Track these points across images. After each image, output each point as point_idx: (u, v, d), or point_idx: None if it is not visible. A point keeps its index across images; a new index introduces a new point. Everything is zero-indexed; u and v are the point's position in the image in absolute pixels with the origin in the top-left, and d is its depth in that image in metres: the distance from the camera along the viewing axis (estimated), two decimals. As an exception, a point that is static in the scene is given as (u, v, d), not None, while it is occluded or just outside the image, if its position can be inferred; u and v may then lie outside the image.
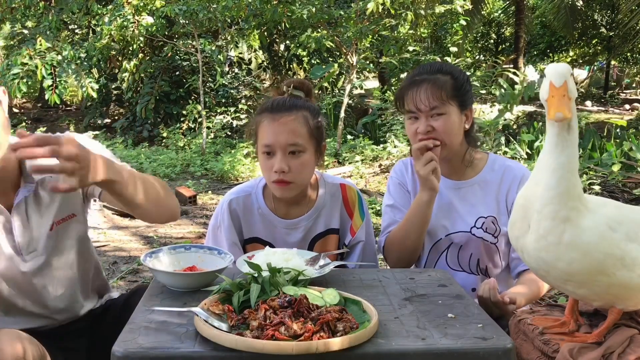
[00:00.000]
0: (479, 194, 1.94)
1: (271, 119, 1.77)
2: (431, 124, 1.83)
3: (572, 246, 1.25)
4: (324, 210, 1.92)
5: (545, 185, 1.28)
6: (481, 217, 1.91)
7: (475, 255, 1.94)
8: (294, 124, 1.76)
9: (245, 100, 10.73)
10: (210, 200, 6.15)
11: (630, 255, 1.26)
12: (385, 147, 8.19)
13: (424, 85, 1.84)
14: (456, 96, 1.85)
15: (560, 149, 1.27)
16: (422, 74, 1.88)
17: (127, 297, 1.78)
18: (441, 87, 1.83)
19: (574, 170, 1.28)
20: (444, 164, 1.93)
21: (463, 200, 1.94)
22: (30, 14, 9.94)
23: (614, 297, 1.32)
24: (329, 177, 1.99)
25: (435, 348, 1.19)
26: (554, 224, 1.26)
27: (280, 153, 1.75)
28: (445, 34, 13.20)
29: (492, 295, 1.67)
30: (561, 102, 1.23)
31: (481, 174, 1.95)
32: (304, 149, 1.77)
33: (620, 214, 1.31)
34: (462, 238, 1.93)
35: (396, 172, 2.05)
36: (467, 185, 1.96)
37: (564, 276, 1.30)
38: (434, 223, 1.93)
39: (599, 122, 11.28)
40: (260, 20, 8.70)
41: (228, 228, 1.88)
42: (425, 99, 1.82)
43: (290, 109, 1.78)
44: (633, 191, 4.51)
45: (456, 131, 1.86)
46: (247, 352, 1.12)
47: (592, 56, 20.44)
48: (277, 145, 1.75)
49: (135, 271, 3.87)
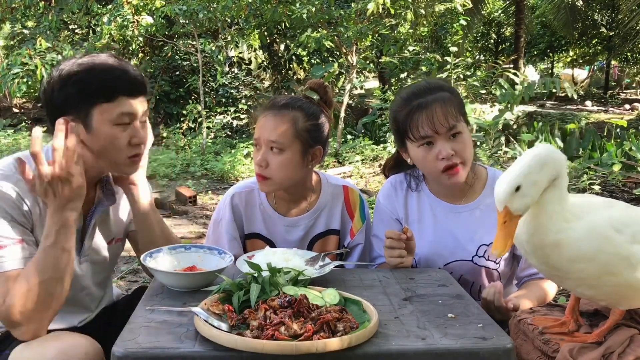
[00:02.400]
0: (479, 219, 1.82)
1: (263, 115, 1.81)
2: (452, 146, 1.70)
3: (576, 260, 1.27)
4: (325, 210, 1.92)
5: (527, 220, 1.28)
6: (483, 244, 1.81)
7: (477, 283, 1.85)
8: (279, 122, 1.77)
9: (245, 100, 10.73)
10: (210, 200, 6.15)
11: (636, 256, 1.26)
12: (385, 147, 8.20)
13: (435, 105, 1.70)
14: (461, 111, 1.75)
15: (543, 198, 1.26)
16: (424, 95, 1.74)
17: (130, 298, 1.80)
18: (450, 104, 1.72)
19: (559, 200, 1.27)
20: (443, 186, 1.84)
21: (463, 227, 1.83)
22: (30, 14, 9.95)
23: (620, 297, 1.32)
24: (331, 178, 1.98)
25: (435, 348, 1.19)
26: (549, 251, 1.28)
27: (264, 148, 1.79)
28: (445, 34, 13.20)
29: (497, 299, 1.61)
30: (499, 234, 1.23)
31: (481, 197, 1.84)
32: (284, 148, 1.77)
33: (627, 216, 1.32)
34: (462, 267, 1.83)
35: (384, 197, 1.92)
36: (468, 209, 1.84)
37: (578, 282, 1.32)
38: (432, 252, 1.84)
39: (599, 122, 11.28)
40: (260, 20, 8.71)
41: (229, 222, 1.90)
42: (444, 120, 1.69)
43: (282, 107, 1.80)
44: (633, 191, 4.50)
45: (471, 149, 1.76)
46: (247, 352, 1.12)
47: (592, 56, 20.47)
48: (262, 140, 1.79)
49: (135, 271, 3.86)
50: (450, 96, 1.75)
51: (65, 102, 1.47)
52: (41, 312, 1.36)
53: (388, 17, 7.98)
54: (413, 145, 1.75)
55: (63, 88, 1.47)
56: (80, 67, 1.48)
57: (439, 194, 1.87)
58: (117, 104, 1.48)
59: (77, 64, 1.49)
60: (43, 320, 1.38)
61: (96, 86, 1.47)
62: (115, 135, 1.50)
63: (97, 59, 1.51)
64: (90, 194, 1.64)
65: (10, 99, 13.96)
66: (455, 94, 1.81)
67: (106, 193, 1.67)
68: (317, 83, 1.89)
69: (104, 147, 1.51)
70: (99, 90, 1.47)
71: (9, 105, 14.21)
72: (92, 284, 1.69)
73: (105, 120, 1.48)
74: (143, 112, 1.55)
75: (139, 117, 1.54)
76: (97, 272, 1.69)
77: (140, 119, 1.55)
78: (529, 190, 1.22)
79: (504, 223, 1.23)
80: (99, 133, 1.49)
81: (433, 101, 1.71)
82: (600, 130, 8.51)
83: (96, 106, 1.47)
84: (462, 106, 1.78)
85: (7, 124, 11.74)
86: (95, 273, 1.69)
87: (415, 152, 1.76)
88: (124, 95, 1.49)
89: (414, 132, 1.72)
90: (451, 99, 1.75)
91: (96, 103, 1.47)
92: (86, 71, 1.48)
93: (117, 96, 1.48)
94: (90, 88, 1.46)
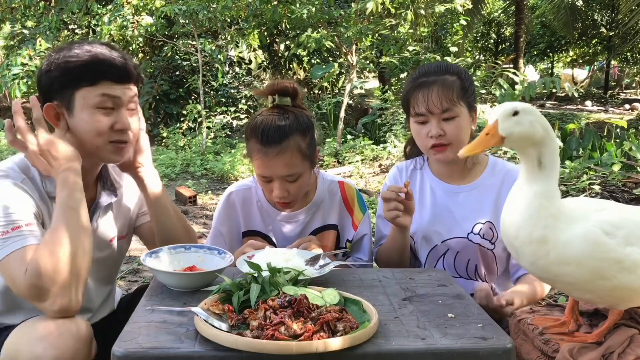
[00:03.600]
0: (477, 199, 1.90)
1: (264, 153, 1.73)
2: (443, 127, 1.79)
3: (563, 263, 1.27)
4: (322, 205, 1.94)
5: (515, 212, 1.30)
6: (479, 222, 1.88)
7: (473, 261, 1.91)
8: (287, 157, 1.72)
9: (245, 100, 10.74)
10: (210, 200, 6.15)
11: (630, 258, 1.26)
12: (385, 147, 8.20)
13: (434, 86, 1.78)
14: (464, 97, 1.81)
15: (531, 184, 1.29)
16: (430, 75, 1.82)
17: (131, 299, 1.80)
18: (451, 88, 1.79)
19: (549, 196, 1.28)
20: (444, 168, 1.92)
21: (460, 206, 1.91)
22: (30, 14, 9.95)
23: (617, 299, 1.32)
24: (326, 175, 2.00)
25: (435, 348, 1.19)
26: (535, 248, 1.28)
27: (278, 182, 1.76)
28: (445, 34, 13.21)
29: (489, 302, 1.65)
30: (477, 140, 1.29)
31: (480, 179, 1.92)
32: (300, 174, 1.77)
33: (621, 217, 1.31)
34: (458, 244, 1.89)
35: (390, 179, 2.03)
36: (466, 190, 1.92)
37: (569, 286, 1.32)
38: (429, 229, 1.91)
39: (599, 122, 11.27)
40: (260, 20, 8.70)
41: (218, 217, 1.93)
42: (438, 101, 1.77)
43: (280, 140, 1.71)
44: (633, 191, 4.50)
45: (465, 133, 1.82)
46: (247, 352, 1.12)
47: (592, 56, 20.47)
48: (274, 176, 1.76)
49: (135, 271, 3.87)
50: (453, 80, 1.81)
51: (50, 86, 1.48)
52: (66, 276, 1.32)
53: (388, 17, 7.98)
54: (412, 119, 1.86)
55: (48, 72, 1.48)
56: (68, 52, 1.49)
57: (439, 175, 1.95)
58: (99, 88, 1.47)
59: (66, 49, 1.50)
60: (69, 287, 1.33)
61: (79, 70, 1.46)
62: (97, 119, 1.49)
63: (88, 46, 1.51)
64: (91, 192, 1.64)
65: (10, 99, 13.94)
66: (465, 78, 1.85)
67: (106, 189, 1.67)
68: (286, 87, 1.79)
69: (85, 131, 1.50)
70: (81, 74, 1.46)
71: (9, 106, 14.20)
72: (94, 281, 1.69)
73: (87, 104, 1.47)
74: (129, 99, 1.53)
75: (124, 104, 1.52)
76: (99, 268, 1.69)
77: (128, 106, 1.53)
78: (523, 122, 1.27)
79: (486, 135, 1.28)
80: (81, 117, 1.48)
81: (434, 82, 1.80)
82: (600, 130, 8.51)
83: (79, 90, 1.47)
84: (466, 92, 1.82)
85: (7, 124, 11.73)
86: (98, 270, 1.69)
87: (413, 127, 1.87)
88: (108, 80, 1.48)
89: (413, 107, 1.84)
90: (453, 83, 1.80)
91: (79, 87, 1.47)
92: (73, 55, 1.48)
93: (99, 80, 1.47)
94: (74, 72, 1.46)
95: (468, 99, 1.83)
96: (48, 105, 1.48)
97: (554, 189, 1.30)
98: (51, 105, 1.49)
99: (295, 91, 1.80)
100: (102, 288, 1.74)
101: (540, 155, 1.29)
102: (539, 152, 1.29)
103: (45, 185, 1.53)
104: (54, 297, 1.32)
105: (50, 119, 1.50)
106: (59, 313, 1.33)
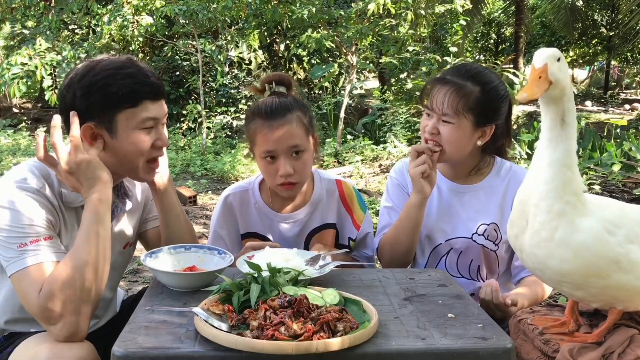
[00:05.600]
0: (482, 199, 1.89)
1: (269, 126, 1.76)
2: (439, 127, 1.79)
3: (564, 244, 1.26)
4: (320, 205, 1.94)
5: (541, 179, 1.29)
6: (483, 223, 1.88)
7: (475, 262, 1.91)
8: (292, 128, 1.76)
9: (245, 100, 10.73)
10: (210, 200, 6.15)
11: (627, 257, 1.26)
12: (385, 147, 8.20)
13: (447, 88, 1.78)
14: (475, 110, 1.77)
15: (555, 144, 1.28)
16: (454, 75, 1.81)
17: (134, 300, 1.80)
18: (463, 96, 1.76)
19: (570, 165, 1.28)
20: (449, 167, 1.92)
21: (466, 206, 1.91)
22: (30, 14, 9.94)
23: (612, 299, 1.32)
24: (323, 174, 2.01)
25: (435, 348, 1.19)
26: (549, 218, 1.26)
27: (284, 157, 1.77)
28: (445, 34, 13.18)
29: (495, 297, 1.66)
30: (532, 83, 1.24)
31: (487, 180, 1.91)
32: (304, 148, 1.79)
33: (622, 216, 1.31)
34: (462, 244, 1.89)
35: (396, 172, 2.02)
36: (471, 190, 1.91)
37: (557, 276, 1.30)
38: (433, 227, 1.91)
39: (599, 122, 11.27)
40: (260, 20, 8.70)
41: (217, 221, 1.93)
42: (440, 103, 1.77)
43: (284, 113, 1.77)
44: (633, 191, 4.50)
45: (461, 144, 1.80)
46: (247, 352, 1.12)
47: (592, 56, 20.45)
48: (280, 151, 1.76)
49: (136, 271, 3.87)
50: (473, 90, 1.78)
51: (89, 108, 1.48)
52: (77, 303, 1.32)
53: (388, 17, 7.98)
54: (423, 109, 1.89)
55: (86, 95, 1.47)
56: (102, 73, 1.48)
57: (445, 174, 1.95)
58: (141, 109, 1.50)
59: (97, 69, 1.49)
60: (80, 314, 1.33)
61: (122, 93, 1.47)
62: (141, 139, 1.52)
63: (117, 63, 1.51)
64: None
65: (10, 99, 13.95)
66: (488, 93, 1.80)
67: (121, 197, 1.68)
68: (280, 76, 1.87)
69: (128, 151, 1.52)
70: (124, 97, 1.48)
71: (9, 106, 14.21)
72: (106, 289, 1.68)
73: (131, 125, 1.49)
74: (165, 115, 1.58)
75: (161, 121, 1.57)
76: (112, 277, 1.69)
77: (162, 122, 1.58)
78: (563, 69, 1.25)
79: (539, 78, 1.24)
80: (125, 138, 1.50)
81: (451, 84, 1.78)
82: (600, 130, 8.51)
83: (121, 112, 1.48)
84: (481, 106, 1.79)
85: (7, 124, 11.75)
86: (111, 278, 1.69)
87: (422, 116, 1.90)
88: (148, 100, 1.51)
89: (424, 97, 1.86)
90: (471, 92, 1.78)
91: (121, 109, 1.48)
92: (110, 77, 1.48)
93: (141, 101, 1.50)
94: (116, 95, 1.47)
95: (479, 113, 1.78)
96: (86, 126, 1.47)
97: (574, 153, 1.29)
98: (89, 126, 1.48)
99: (289, 82, 1.88)
100: (109, 293, 1.74)
101: (565, 110, 1.27)
102: (565, 106, 1.27)
103: (63, 194, 1.52)
104: (63, 323, 1.32)
105: (86, 138, 1.49)
106: (66, 338, 1.34)
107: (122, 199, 1.68)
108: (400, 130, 8.36)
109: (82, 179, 1.41)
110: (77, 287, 1.33)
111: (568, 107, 1.28)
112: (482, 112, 1.78)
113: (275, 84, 1.85)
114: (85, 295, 1.34)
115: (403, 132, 8.41)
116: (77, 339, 1.34)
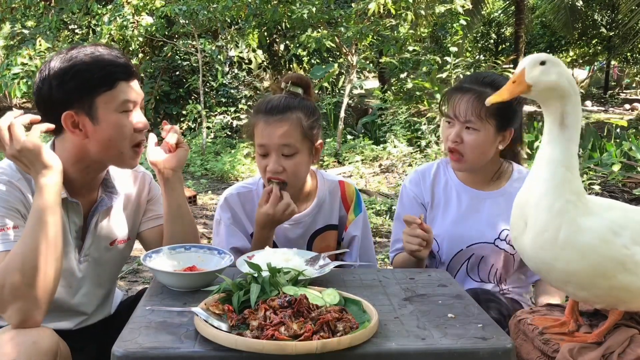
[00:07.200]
0: (503, 205, 1.91)
1: (265, 121, 1.78)
2: (462, 135, 1.83)
3: (569, 245, 1.25)
4: (323, 206, 1.94)
5: (540, 178, 1.29)
6: (505, 229, 1.90)
7: (496, 266, 1.94)
8: (287, 126, 1.76)
9: (245, 100, 10.72)
10: (210, 200, 6.15)
11: (633, 259, 1.26)
12: (385, 147, 8.19)
13: (468, 95, 1.82)
14: (497, 115, 1.82)
15: (553, 145, 1.28)
16: (473, 83, 1.86)
17: (133, 301, 1.80)
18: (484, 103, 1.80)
19: (570, 166, 1.28)
20: (470, 174, 1.95)
21: (488, 212, 1.93)
22: (30, 14, 9.94)
23: (616, 300, 1.32)
24: (327, 175, 2.01)
25: (435, 348, 1.19)
26: (550, 217, 1.26)
27: (274, 154, 1.77)
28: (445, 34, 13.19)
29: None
30: (505, 87, 1.30)
31: (506, 186, 1.95)
32: (297, 150, 1.78)
33: (627, 217, 1.31)
34: (484, 249, 1.92)
35: (411, 182, 2.03)
36: (492, 197, 1.94)
37: (564, 277, 1.30)
38: (455, 233, 1.93)
39: (599, 122, 11.27)
40: (260, 20, 8.70)
41: (227, 231, 1.89)
42: (464, 111, 1.81)
43: (284, 110, 1.77)
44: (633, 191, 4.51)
45: (484, 149, 1.85)
46: (247, 352, 1.12)
47: (592, 56, 20.46)
48: (271, 146, 1.77)
49: (135, 271, 3.87)
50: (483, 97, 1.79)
51: (67, 96, 1.48)
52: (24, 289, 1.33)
53: (388, 17, 7.98)
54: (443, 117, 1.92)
55: (62, 84, 1.47)
56: (73, 60, 1.49)
57: (465, 181, 1.98)
58: (118, 91, 1.50)
59: (68, 58, 1.49)
60: (28, 299, 1.33)
61: (96, 76, 1.48)
62: (122, 122, 1.52)
63: (86, 51, 1.52)
64: (93, 194, 1.64)
65: (10, 99, 13.95)
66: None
67: (107, 192, 1.67)
68: (300, 77, 1.89)
69: (112, 136, 1.51)
70: (99, 80, 1.48)
71: (8, 106, 14.20)
72: (92, 285, 1.69)
73: (110, 108, 1.50)
74: (141, 97, 1.57)
75: (139, 102, 1.56)
76: (97, 272, 1.69)
77: (140, 105, 1.57)
78: (549, 72, 1.27)
79: (513, 82, 1.28)
80: (106, 122, 1.50)
81: (471, 91, 1.82)
82: (600, 130, 8.51)
83: (99, 96, 1.48)
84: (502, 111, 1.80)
85: (7, 124, 11.71)
86: (96, 274, 1.69)
87: (442, 124, 1.94)
88: (123, 80, 1.51)
89: (445, 106, 1.90)
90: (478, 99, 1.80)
91: (99, 93, 1.48)
92: (82, 63, 1.48)
93: (117, 82, 1.50)
94: (91, 79, 1.47)
95: (501, 118, 1.82)
96: (67, 114, 1.47)
97: (574, 155, 1.29)
98: (69, 113, 1.48)
99: (308, 84, 1.88)
100: (98, 290, 1.73)
101: (564, 112, 1.28)
102: (563, 109, 1.28)
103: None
104: (11, 309, 1.34)
105: (69, 127, 1.49)
106: (19, 324, 1.34)
107: (107, 194, 1.67)
108: (400, 130, 8.36)
109: (27, 164, 1.41)
110: (23, 272, 1.33)
111: (568, 109, 1.28)
112: (503, 116, 1.83)
113: (293, 85, 1.86)
114: (32, 281, 1.33)
115: (403, 132, 8.41)
116: (31, 324, 1.35)
